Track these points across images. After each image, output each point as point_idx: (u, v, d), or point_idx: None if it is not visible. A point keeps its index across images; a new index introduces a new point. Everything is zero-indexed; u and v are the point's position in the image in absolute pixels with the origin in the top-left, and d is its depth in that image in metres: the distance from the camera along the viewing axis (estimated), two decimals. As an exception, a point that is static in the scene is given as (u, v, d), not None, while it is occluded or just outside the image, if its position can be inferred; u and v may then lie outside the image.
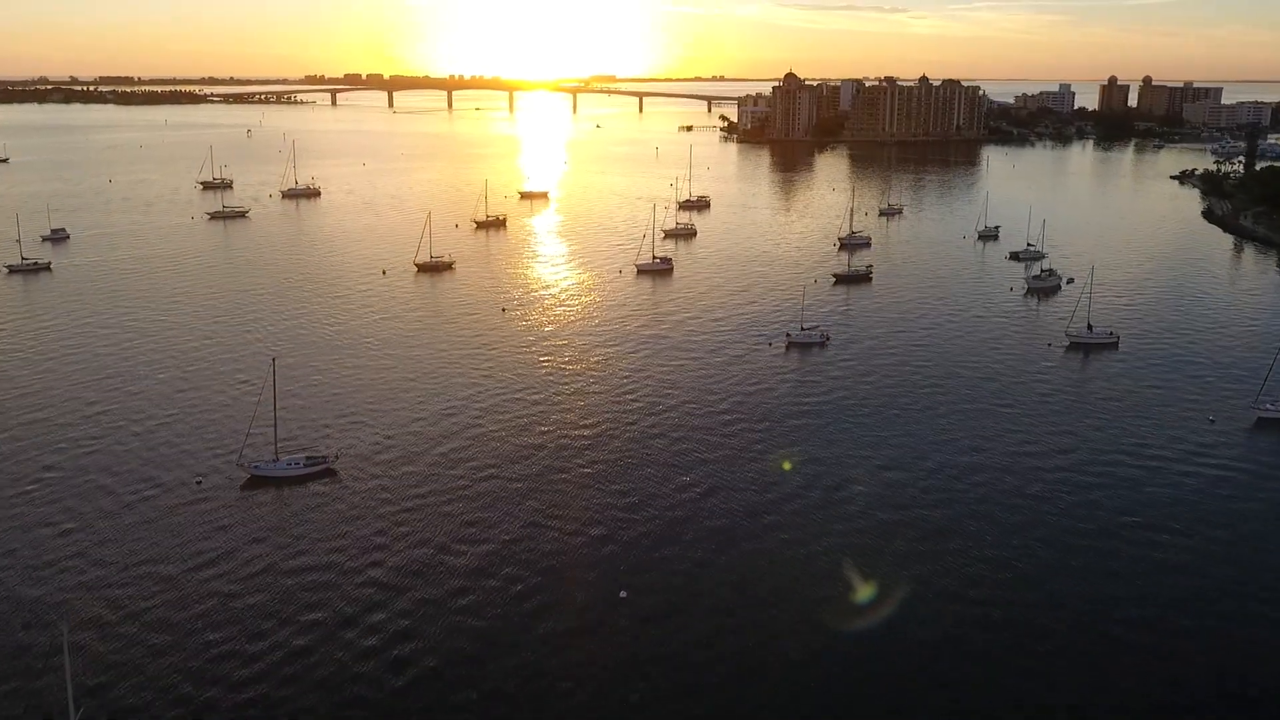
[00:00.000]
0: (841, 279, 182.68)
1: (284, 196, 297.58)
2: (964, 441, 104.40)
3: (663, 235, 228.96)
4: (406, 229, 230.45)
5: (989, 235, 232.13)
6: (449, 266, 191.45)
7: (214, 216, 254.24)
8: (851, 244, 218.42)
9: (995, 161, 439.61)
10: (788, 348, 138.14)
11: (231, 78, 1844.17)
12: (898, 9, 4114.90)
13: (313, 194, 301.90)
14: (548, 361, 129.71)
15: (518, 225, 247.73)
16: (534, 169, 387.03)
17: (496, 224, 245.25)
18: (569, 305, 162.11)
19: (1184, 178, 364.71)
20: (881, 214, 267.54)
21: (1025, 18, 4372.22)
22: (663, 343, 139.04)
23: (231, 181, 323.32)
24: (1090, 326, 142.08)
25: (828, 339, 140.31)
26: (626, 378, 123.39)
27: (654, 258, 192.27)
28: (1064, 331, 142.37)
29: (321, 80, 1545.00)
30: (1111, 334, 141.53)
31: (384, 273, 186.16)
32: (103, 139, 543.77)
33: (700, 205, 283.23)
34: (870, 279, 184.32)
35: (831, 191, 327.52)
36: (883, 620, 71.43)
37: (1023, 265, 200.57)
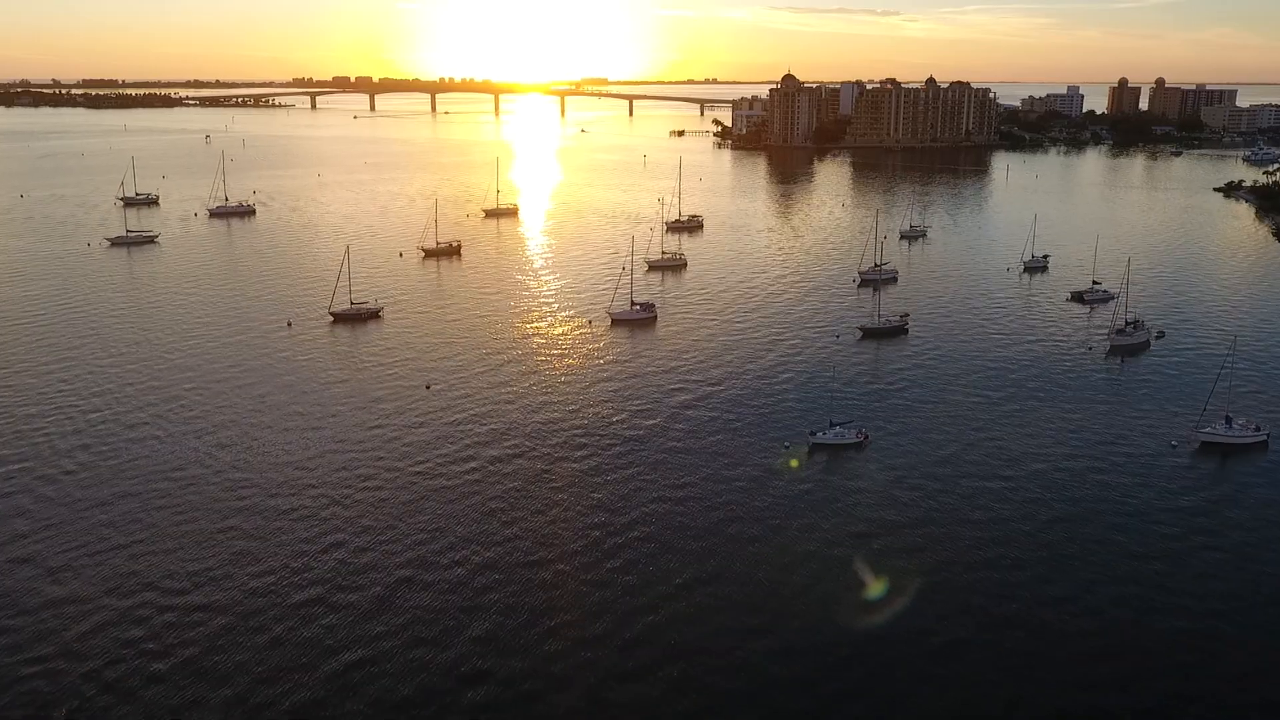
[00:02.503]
0: (870, 333, 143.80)
1: (211, 215, 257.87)
2: (1098, 652, 65.69)
3: (646, 268, 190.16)
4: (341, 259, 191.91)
5: (1037, 266, 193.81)
6: (375, 315, 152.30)
7: (115, 243, 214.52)
8: (875, 279, 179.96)
9: (1015, 171, 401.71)
10: (812, 451, 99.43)
11: (217, 80, 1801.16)
12: (890, 11, 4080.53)
13: (246, 213, 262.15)
14: (475, 496, 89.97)
15: (475, 254, 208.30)
16: (506, 181, 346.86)
17: (449, 252, 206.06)
18: (516, 379, 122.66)
19: (1230, 190, 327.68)
20: (903, 237, 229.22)
21: (1016, 21, 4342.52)
22: (640, 450, 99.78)
23: (157, 197, 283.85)
24: (1229, 420, 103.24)
25: (866, 439, 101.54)
26: (585, 530, 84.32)
27: (633, 304, 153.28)
28: (1194, 428, 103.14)
29: (309, 83, 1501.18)
30: (1258, 429, 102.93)
31: (289, 325, 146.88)
32: (46, 146, 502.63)
33: (691, 227, 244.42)
34: (906, 331, 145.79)
35: (841, 208, 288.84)
36: None
37: (1088, 308, 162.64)
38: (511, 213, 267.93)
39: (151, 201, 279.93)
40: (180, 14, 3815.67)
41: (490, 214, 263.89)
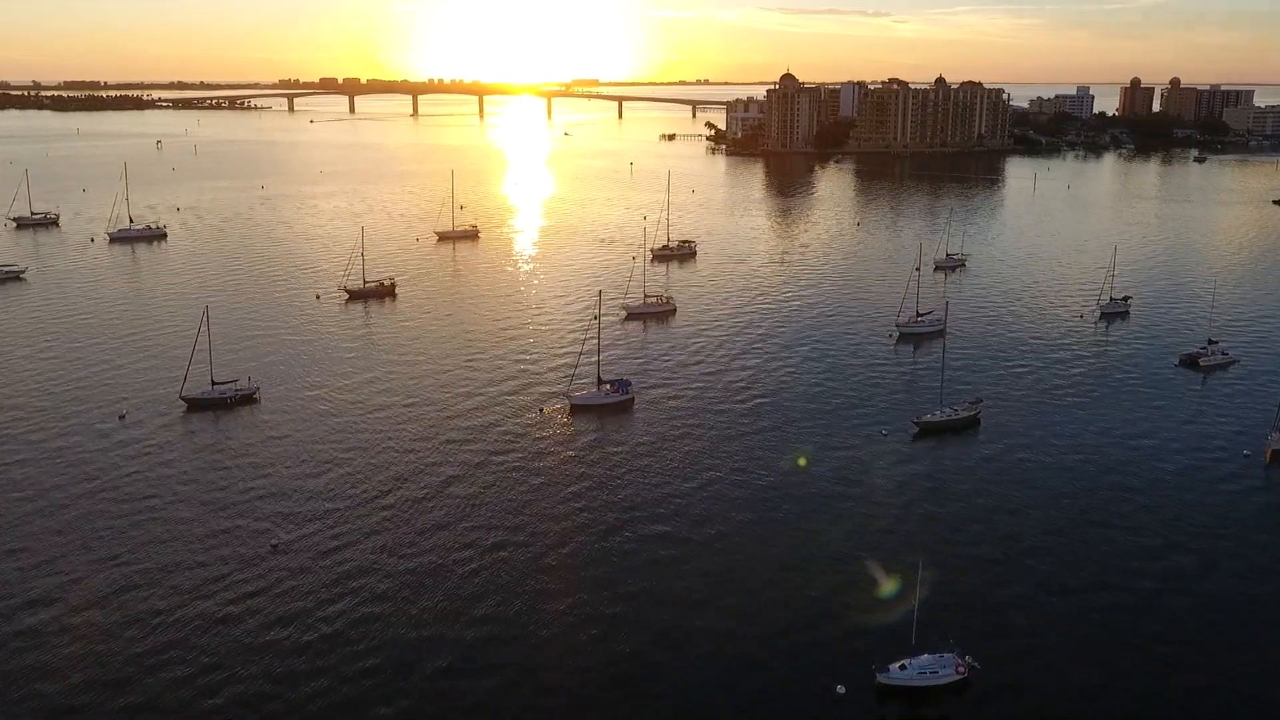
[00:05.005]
0: (930, 429, 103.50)
1: (112, 241, 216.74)
2: None
3: (624, 317, 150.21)
4: (245, 306, 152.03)
5: (1117, 312, 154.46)
6: (248, 398, 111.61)
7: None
8: (917, 332, 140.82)
9: (1041, 179, 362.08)
10: (881, 698, 59.44)
11: (201, 81, 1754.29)
12: (881, 13, 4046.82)
13: (154, 237, 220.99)
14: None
15: (412, 295, 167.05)
16: (473, 194, 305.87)
17: (379, 294, 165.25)
18: (411, 528, 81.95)
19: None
20: (938, 268, 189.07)
21: (1006, 22, 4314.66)
22: (614, 681, 59.83)
23: (57, 217, 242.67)
24: None
25: (967, 672, 61.31)
26: None
27: (601, 384, 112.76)
28: None
29: (294, 84, 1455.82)
30: None
31: (121, 418, 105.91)
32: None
33: (682, 255, 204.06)
34: (979, 422, 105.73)
35: (856, 227, 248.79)
36: None
37: (1202, 376, 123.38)
38: (470, 235, 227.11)
39: (51, 222, 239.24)
40: (180, 14, 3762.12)
41: (444, 238, 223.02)
